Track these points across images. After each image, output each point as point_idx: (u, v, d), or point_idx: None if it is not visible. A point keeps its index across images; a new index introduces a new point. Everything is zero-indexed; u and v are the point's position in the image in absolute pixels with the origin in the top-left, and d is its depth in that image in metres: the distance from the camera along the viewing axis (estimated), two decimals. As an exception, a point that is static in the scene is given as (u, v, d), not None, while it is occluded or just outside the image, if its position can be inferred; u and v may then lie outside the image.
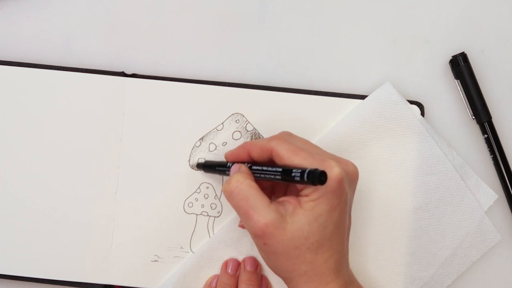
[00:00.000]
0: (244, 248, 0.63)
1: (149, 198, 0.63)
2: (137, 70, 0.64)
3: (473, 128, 0.64)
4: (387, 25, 0.65)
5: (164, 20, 0.65)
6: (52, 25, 0.65)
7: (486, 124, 0.63)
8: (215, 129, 0.63)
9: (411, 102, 0.63)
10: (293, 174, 0.50)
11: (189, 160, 0.63)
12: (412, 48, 0.65)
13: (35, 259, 0.63)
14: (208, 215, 0.63)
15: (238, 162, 0.57)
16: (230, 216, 0.63)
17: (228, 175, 0.58)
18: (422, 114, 0.63)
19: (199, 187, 0.63)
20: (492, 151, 0.63)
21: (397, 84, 0.64)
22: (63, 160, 0.63)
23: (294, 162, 0.52)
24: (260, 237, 0.52)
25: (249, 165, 0.56)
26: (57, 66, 0.63)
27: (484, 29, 0.65)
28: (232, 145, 0.63)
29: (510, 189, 0.63)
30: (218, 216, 0.63)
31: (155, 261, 0.63)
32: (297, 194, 0.53)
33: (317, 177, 0.48)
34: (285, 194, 0.58)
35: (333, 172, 0.51)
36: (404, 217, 0.63)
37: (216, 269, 0.63)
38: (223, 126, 0.63)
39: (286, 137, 0.56)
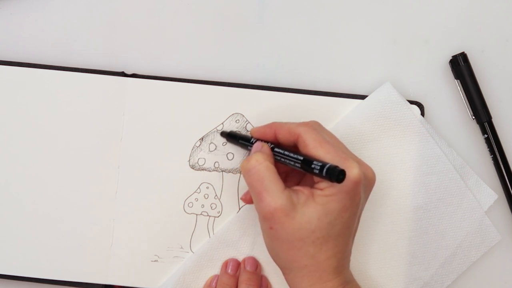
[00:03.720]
0: (244, 248, 0.63)
1: (149, 198, 0.63)
2: (137, 70, 0.64)
3: (473, 128, 0.64)
4: (387, 25, 0.65)
5: (164, 20, 0.65)
6: (52, 25, 0.65)
7: (486, 124, 0.63)
8: (215, 129, 0.63)
9: (411, 102, 0.63)
10: (313, 166, 0.50)
11: (189, 160, 0.63)
12: (412, 48, 0.64)
13: (35, 259, 0.63)
14: (208, 215, 0.63)
15: (262, 140, 0.57)
16: (230, 216, 0.63)
17: (249, 150, 0.58)
18: (422, 114, 0.63)
19: (199, 187, 0.63)
20: (492, 151, 0.63)
21: (397, 84, 0.64)
22: (63, 160, 0.63)
23: (318, 153, 0.52)
24: (267, 220, 0.52)
25: (271, 146, 0.56)
26: (57, 66, 0.63)
27: (484, 29, 0.65)
28: (232, 145, 0.63)
29: (510, 189, 0.63)
30: (218, 216, 0.63)
31: (155, 261, 0.63)
32: (311, 185, 0.53)
33: (336, 175, 0.48)
34: (298, 182, 0.58)
35: (353, 173, 0.51)
36: (404, 217, 0.63)
37: (216, 269, 0.63)
38: (223, 126, 0.63)
39: (315, 126, 0.56)
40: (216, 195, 0.63)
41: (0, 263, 0.63)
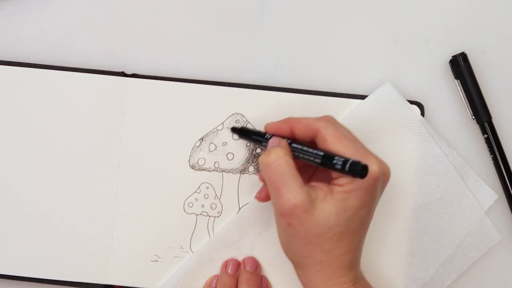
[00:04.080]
0: (244, 248, 0.63)
1: (149, 198, 0.63)
2: (137, 70, 0.64)
3: (473, 128, 0.64)
4: (387, 25, 0.65)
5: (164, 20, 0.65)
6: (52, 25, 0.65)
7: (486, 124, 0.63)
8: (215, 129, 0.63)
9: (411, 102, 0.63)
10: (334, 161, 0.50)
11: (189, 160, 0.63)
12: (412, 48, 0.64)
13: (35, 259, 0.63)
14: (208, 215, 0.63)
15: (277, 136, 0.57)
16: (230, 216, 0.63)
17: (263, 146, 0.57)
18: (422, 114, 0.63)
19: (199, 187, 0.63)
20: (492, 151, 0.63)
21: (397, 84, 0.64)
22: (63, 160, 0.63)
23: (337, 149, 0.52)
24: (286, 217, 0.52)
25: (288, 141, 0.55)
26: (57, 66, 0.63)
27: (484, 29, 0.65)
28: (232, 145, 0.63)
29: (510, 189, 0.63)
30: (218, 216, 0.63)
31: (155, 261, 0.63)
32: (325, 180, 0.53)
33: (359, 170, 0.48)
34: (309, 178, 0.58)
35: (372, 169, 0.51)
36: (404, 217, 0.63)
37: (216, 269, 0.63)
38: (223, 126, 0.63)
39: (333, 121, 0.55)
40: (216, 195, 0.63)
41: (0, 263, 0.63)
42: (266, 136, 0.58)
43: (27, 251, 0.63)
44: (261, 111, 0.63)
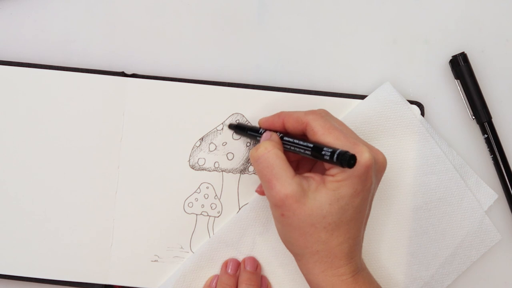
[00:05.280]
0: (244, 248, 0.63)
1: (149, 198, 0.63)
2: (137, 70, 0.64)
3: (473, 128, 0.64)
4: (387, 25, 0.65)
5: (164, 20, 0.65)
6: (52, 25, 0.65)
7: (486, 124, 0.63)
8: (215, 129, 0.63)
9: (411, 102, 0.63)
10: (323, 152, 0.50)
11: (189, 160, 0.63)
12: (412, 48, 0.65)
13: (35, 259, 0.63)
14: (208, 215, 0.63)
15: (270, 130, 0.58)
16: (230, 216, 0.63)
17: (258, 141, 0.58)
18: (422, 114, 0.63)
19: (199, 187, 0.63)
20: (492, 151, 0.63)
21: (397, 84, 0.64)
22: (63, 160, 0.63)
23: (327, 140, 0.53)
24: (278, 207, 0.52)
25: (280, 135, 0.56)
26: (57, 66, 0.63)
27: (484, 29, 0.65)
28: (232, 145, 0.63)
29: (510, 189, 0.63)
30: (218, 216, 0.63)
31: (155, 261, 0.63)
32: (322, 172, 0.53)
33: (347, 160, 0.48)
34: (310, 170, 0.58)
35: (363, 157, 0.51)
36: (404, 217, 0.63)
37: (216, 269, 0.63)
38: (223, 126, 0.63)
39: (323, 114, 0.56)
40: (216, 195, 0.63)
41: (0, 263, 0.63)
42: (260, 131, 0.58)
43: (27, 251, 0.63)
44: (261, 111, 0.63)
